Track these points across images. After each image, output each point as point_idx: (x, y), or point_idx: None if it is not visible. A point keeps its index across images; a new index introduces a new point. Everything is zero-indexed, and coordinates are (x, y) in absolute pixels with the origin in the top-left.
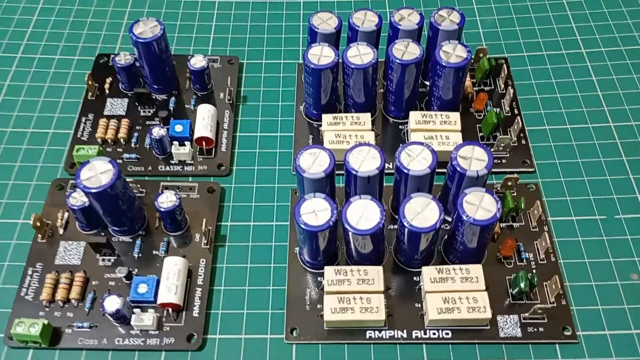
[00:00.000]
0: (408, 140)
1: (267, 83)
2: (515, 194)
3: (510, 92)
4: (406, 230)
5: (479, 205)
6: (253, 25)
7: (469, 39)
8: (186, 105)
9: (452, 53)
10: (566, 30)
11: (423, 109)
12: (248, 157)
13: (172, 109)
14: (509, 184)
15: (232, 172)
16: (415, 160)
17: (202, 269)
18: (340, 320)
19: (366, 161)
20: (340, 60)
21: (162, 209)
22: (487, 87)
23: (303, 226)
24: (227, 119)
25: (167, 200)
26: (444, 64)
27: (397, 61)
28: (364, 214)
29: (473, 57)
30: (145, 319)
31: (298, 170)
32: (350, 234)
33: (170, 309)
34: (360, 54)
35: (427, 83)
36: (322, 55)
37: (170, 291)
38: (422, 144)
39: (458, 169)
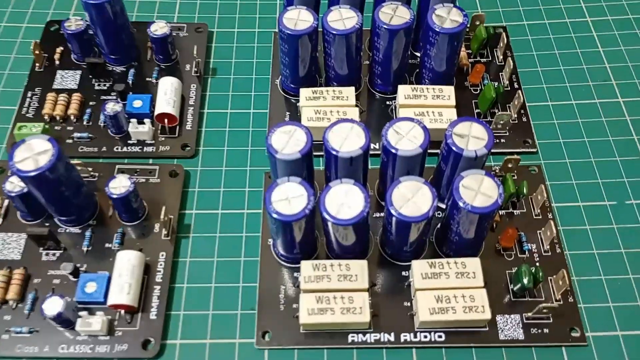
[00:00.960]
0: (396, 117)
1: (240, 54)
2: (515, 177)
3: (510, 64)
4: (394, 219)
5: (478, 190)
6: None
7: (464, 6)
8: (147, 79)
9: (446, 17)
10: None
11: (413, 82)
12: (217, 137)
13: (131, 82)
14: (509, 166)
15: (198, 153)
16: (405, 138)
17: (161, 264)
18: (318, 323)
19: (349, 140)
20: (320, 26)
21: (115, 196)
22: (484, 58)
23: (275, 215)
24: (193, 94)
25: (120, 185)
26: (437, 29)
27: (384, 26)
28: (345, 200)
29: (469, 25)
30: (93, 323)
31: (270, 151)
32: (329, 224)
33: (122, 311)
34: (342, 18)
35: (418, 54)
36: (299, 19)
37: (122, 290)
38: (412, 120)
39: (454, 148)
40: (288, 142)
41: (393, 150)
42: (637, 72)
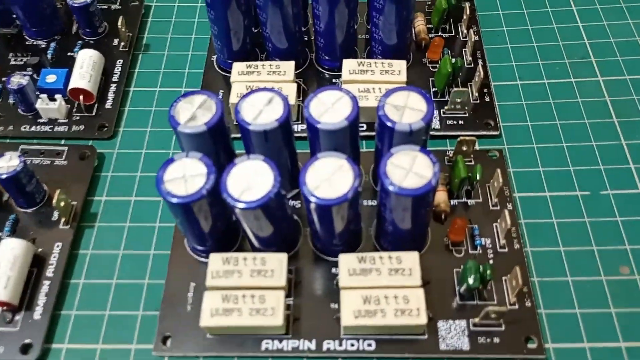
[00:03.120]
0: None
1: (178, 29)
2: (472, 162)
3: (472, 37)
4: (311, 204)
5: (410, 170)
6: None
7: None
8: (69, 53)
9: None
10: None
11: (364, 56)
12: (140, 117)
13: (50, 56)
14: (464, 148)
15: (117, 134)
16: (331, 110)
17: (55, 257)
18: (221, 326)
19: (265, 112)
20: None
21: (2, 177)
22: (446, 33)
23: (168, 197)
24: (118, 70)
25: (6, 165)
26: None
27: None
28: (252, 180)
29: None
30: None
31: (172, 124)
32: (236, 210)
33: (1, 309)
34: None
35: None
36: None
37: None
38: (340, 89)
39: (386, 122)
40: (194, 113)
41: (316, 125)
42: (620, 48)
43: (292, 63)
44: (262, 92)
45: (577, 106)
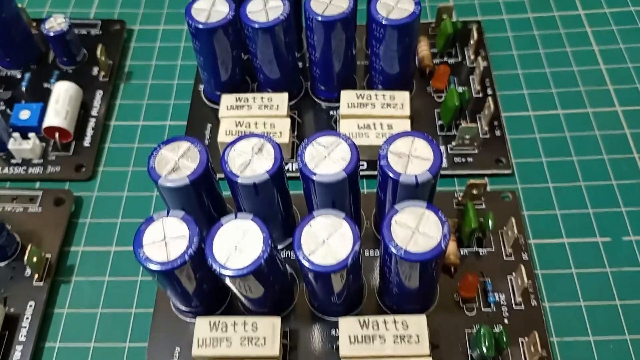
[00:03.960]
0: (338, 129)
1: (163, 55)
2: (483, 205)
3: (481, 64)
4: (306, 270)
5: (416, 230)
6: None
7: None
8: (45, 85)
9: (393, 6)
10: None
11: (365, 87)
12: (122, 155)
13: (25, 88)
14: (474, 192)
15: (96, 175)
16: (328, 159)
17: (28, 318)
18: None
19: (255, 162)
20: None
21: None
22: (452, 59)
23: (147, 264)
24: (97, 103)
25: None
26: (382, 21)
27: (318, 18)
28: (241, 242)
29: (435, 20)
30: None
31: (152, 176)
32: (226, 278)
33: None
34: (265, 8)
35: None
36: (213, 9)
37: None
38: (337, 135)
39: (388, 172)
40: (177, 164)
41: (311, 176)
42: (638, 75)
43: (285, 95)
44: (251, 138)
45: (595, 140)
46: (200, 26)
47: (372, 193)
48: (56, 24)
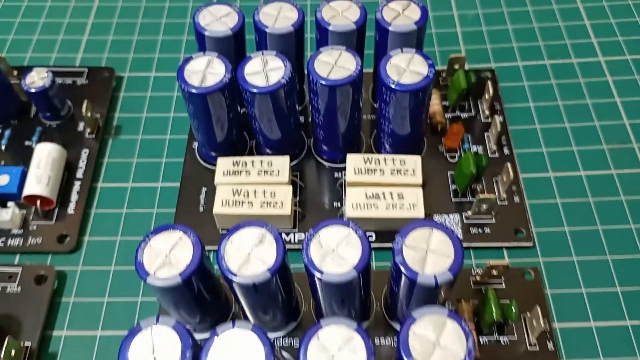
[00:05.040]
0: (344, 195)
1: (154, 105)
2: (503, 285)
3: (497, 123)
4: None
5: (436, 343)
6: (144, 22)
7: (442, 41)
8: (26, 142)
9: (405, 68)
10: (578, 30)
11: (372, 147)
12: (110, 222)
13: (4, 146)
14: (494, 272)
15: (81, 246)
16: (336, 254)
17: None
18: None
19: (255, 256)
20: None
21: None
22: (465, 113)
23: None
24: (83, 163)
25: None
26: (392, 85)
27: (322, 82)
28: (238, 357)
29: (445, 69)
30: None
31: (140, 274)
32: None
33: None
34: (265, 70)
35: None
36: (207, 71)
37: None
38: (346, 224)
39: (404, 270)
40: (167, 257)
41: (318, 275)
42: None
43: (286, 160)
44: (250, 228)
45: (620, 206)
46: (194, 91)
47: (382, 270)
48: (38, 78)
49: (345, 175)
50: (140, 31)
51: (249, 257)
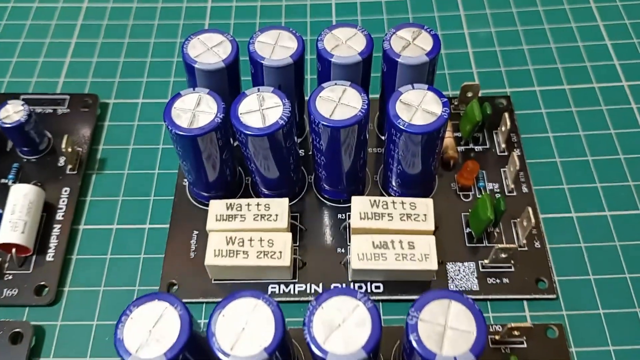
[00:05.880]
0: (349, 241)
1: (142, 135)
2: (524, 344)
3: (516, 161)
4: None
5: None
6: (132, 42)
7: (452, 63)
8: (2, 180)
9: (416, 107)
10: (599, 51)
11: (378, 185)
12: (93, 270)
13: None
14: (515, 333)
15: (60, 298)
16: (342, 329)
17: None
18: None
19: (248, 331)
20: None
21: None
22: (478, 145)
23: None
24: (64, 203)
25: None
26: (402, 126)
27: (324, 123)
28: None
29: (458, 97)
30: None
31: (119, 352)
32: None
33: None
34: (261, 109)
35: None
36: (197, 110)
37: None
38: (353, 294)
39: (421, 352)
40: (151, 334)
41: (323, 355)
42: None
43: (285, 202)
44: (242, 299)
45: None
46: (183, 133)
47: (391, 326)
48: (13, 112)
49: (349, 218)
50: (127, 52)
51: (242, 332)
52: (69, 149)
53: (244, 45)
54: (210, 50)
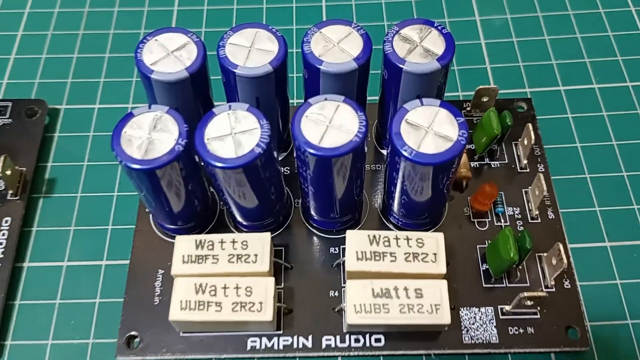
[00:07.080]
0: (344, 281)
1: (99, 149)
2: None
3: (542, 180)
4: None
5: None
6: (87, 33)
7: (462, 57)
8: None
9: (426, 129)
10: (636, 43)
11: (377, 212)
12: (39, 318)
13: None
14: None
15: (2, 354)
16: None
17: None
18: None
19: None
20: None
21: None
22: (495, 160)
23: None
24: (3, 238)
25: None
26: (407, 154)
27: (311, 151)
28: None
29: (469, 100)
30: None
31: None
32: None
33: None
34: (232, 133)
35: (384, 152)
36: (153, 135)
37: None
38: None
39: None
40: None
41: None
42: None
43: (266, 238)
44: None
45: None
46: (135, 166)
47: None
48: None
49: (344, 256)
50: (82, 47)
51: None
52: (8, 172)
53: (214, 47)
54: (170, 55)
